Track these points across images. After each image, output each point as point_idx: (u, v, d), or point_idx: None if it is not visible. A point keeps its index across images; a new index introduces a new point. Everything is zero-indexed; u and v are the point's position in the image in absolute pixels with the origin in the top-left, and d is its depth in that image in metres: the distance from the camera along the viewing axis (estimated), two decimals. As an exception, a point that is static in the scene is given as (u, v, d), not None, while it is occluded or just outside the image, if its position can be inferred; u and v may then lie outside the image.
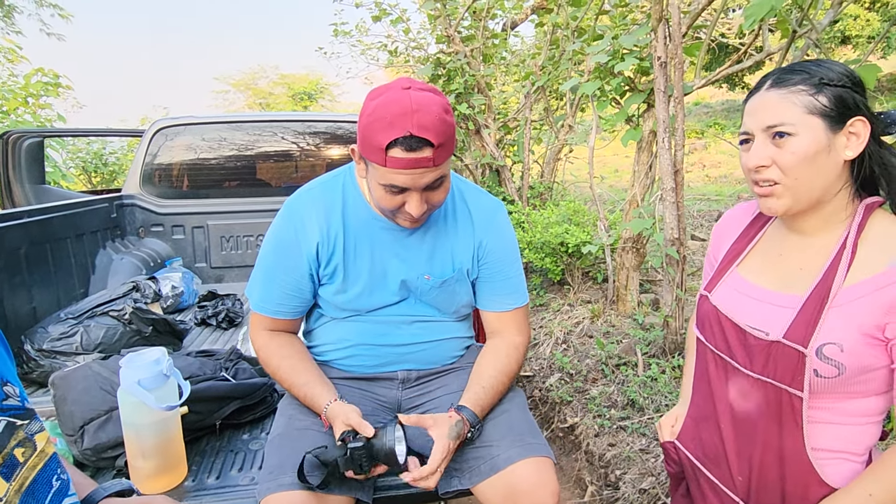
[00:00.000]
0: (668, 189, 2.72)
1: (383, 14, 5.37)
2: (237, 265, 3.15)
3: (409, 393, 1.43)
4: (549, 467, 1.22)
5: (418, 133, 1.08)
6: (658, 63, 2.69)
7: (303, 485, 1.13)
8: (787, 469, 0.89)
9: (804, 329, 0.84)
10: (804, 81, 0.83)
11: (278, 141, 3.29)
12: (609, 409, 2.71)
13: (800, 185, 0.84)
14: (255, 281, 1.40)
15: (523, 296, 1.44)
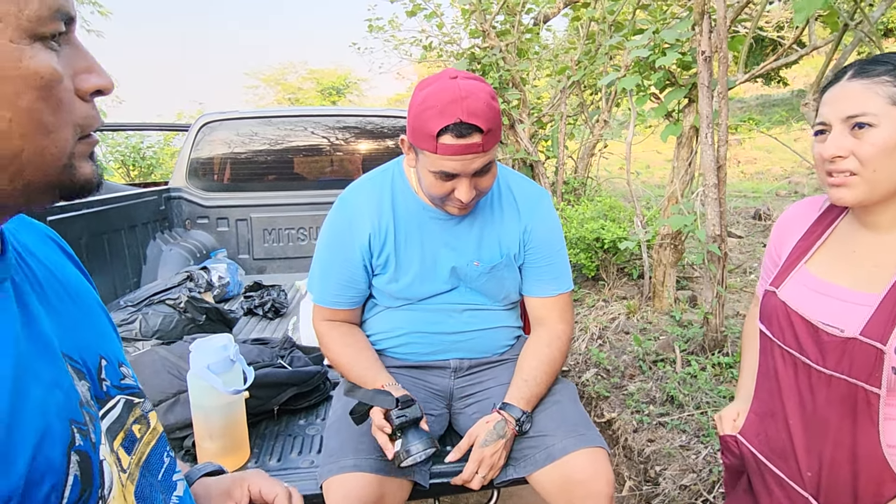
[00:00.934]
0: (710, 185, 2.70)
1: (417, 9, 5.40)
2: (279, 257, 3.22)
3: (461, 382, 1.46)
4: (604, 457, 1.25)
5: (468, 119, 1.12)
6: (702, 57, 2.67)
7: (362, 467, 1.18)
8: (860, 466, 0.90)
9: (883, 327, 0.84)
10: (889, 72, 0.82)
11: (316, 135, 3.35)
12: (647, 405, 2.71)
13: (877, 177, 0.84)
14: (314, 275, 1.46)
15: (568, 282, 1.47)
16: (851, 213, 0.96)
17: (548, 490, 1.25)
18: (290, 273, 3.14)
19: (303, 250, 3.24)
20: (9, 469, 0.41)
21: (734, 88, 3.15)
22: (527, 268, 1.45)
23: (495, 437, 1.24)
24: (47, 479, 0.44)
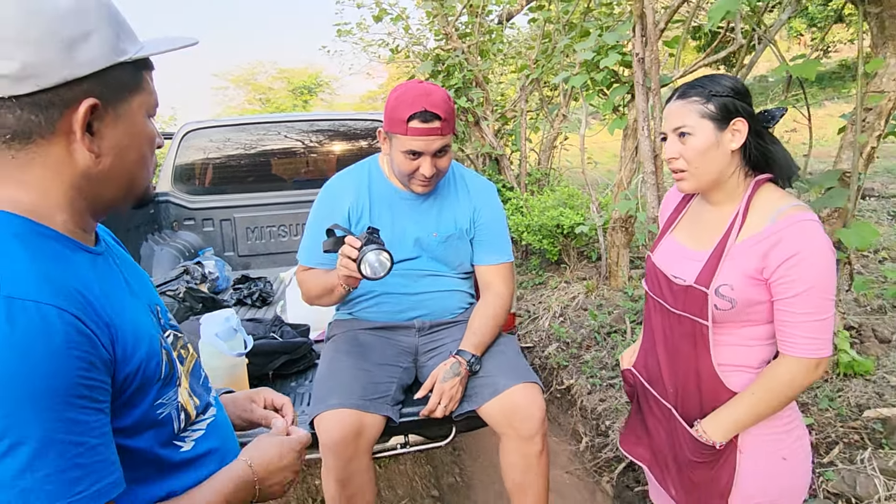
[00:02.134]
0: (648, 172, 3.06)
1: (383, 13, 5.68)
2: (262, 253, 3.50)
3: (424, 340, 1.80)
4: (537, 390, 1.59)
5: (431, 109, 1.52)
6: (636, 59, 3.02)
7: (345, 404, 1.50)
8: (701, 381, 1.22)
9: (707, 275, 1.17)
10: (698, 94, 1.15)
11: (292, 139, 3.63)
12: (601, 370, 3.06)
13: (699, 171, 1.16)
14: (303, 243, 1.80)
15: (508, 254, 1.84)
16: (699, 194, 1.30)
17: (495, 418, 1.59)
18: (274, 267, 3.42)
19: (284, 246, 3.52)
20: (139, 348, 0.74)
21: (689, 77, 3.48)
22: (476, 241, 1.81)
23: (452, 375, 1.57)
24: (154, 358, 0.77)
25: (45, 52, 0.66)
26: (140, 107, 0.77)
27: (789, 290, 1.08)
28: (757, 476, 1.20)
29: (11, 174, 0.70)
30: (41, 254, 0.68)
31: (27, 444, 0.58)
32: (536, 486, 1.57)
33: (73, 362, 0.63)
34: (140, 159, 0.78)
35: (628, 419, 1.50)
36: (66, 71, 0.67)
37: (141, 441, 0.75)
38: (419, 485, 2.56)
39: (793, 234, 1.08)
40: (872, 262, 3.58)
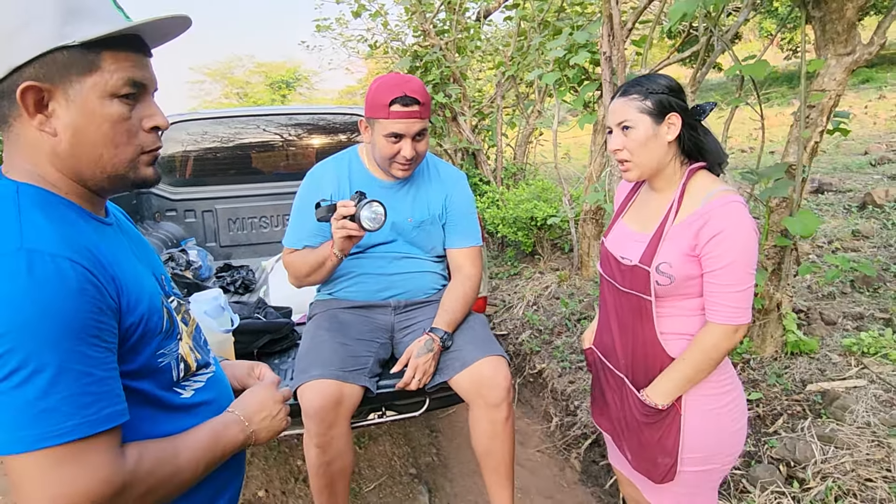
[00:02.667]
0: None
1: (362, 9, 5.76)
2: (243, 243, 3.58)
3: (400, 318, 1.93)
4: (503, 363, 1.73)
5: (410, 94, 1.67)
6: (604, 57, 3.17)
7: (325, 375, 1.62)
8: (647, 349, 1.35)
9: (649, 255, 1.30)
10: (637, 92, 1.28)
11: (271, 132, 3.70)
12: (570, 354, 3.21)
13: (641, 160, 1.30)
14: (289, 228, 1.92)
15: (477, 238, 1.99)
16: (646, 183, 1.44)
17: (464, 389, 1.72)
18: (255, 257, 3.50)
19: (265, 237, 3.60)
20: (141, 303, 0.84)
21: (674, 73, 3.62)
22: (447, 226, 1.95)
23: (425, 351, 1.71)
24: (155, 313, 0.87)
25: None
26: (94, 87, 0.78)
27: (716, 264, 1.23)
28: (698, 433, 1.33)
29: (13, 155, 0.81)
30: (54, 216, 0.78)
31: (46, 370, 0.68)
32: (503, 450, 1.71)
33: (85, 305, 0.72)
34: (103, 138, 0.80)
35: (592, 394, 1.63)
36: (10, 59, 0.75)
37: (144, 384, 0.84)
38: (398, 464, 2.69)
39: (720, 214, 1.22)
40: (826, 251, 3.79)
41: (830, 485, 1.81)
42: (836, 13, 2.10)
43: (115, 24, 0.80)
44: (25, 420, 0.68)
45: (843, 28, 2.12)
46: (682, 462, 1.35)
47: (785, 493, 1.85)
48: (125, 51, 0.81)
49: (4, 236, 0.72)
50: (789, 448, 2.00)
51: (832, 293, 3.15)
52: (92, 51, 0.78)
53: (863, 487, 1.79)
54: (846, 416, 2.07)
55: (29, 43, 0.75)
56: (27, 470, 0.69)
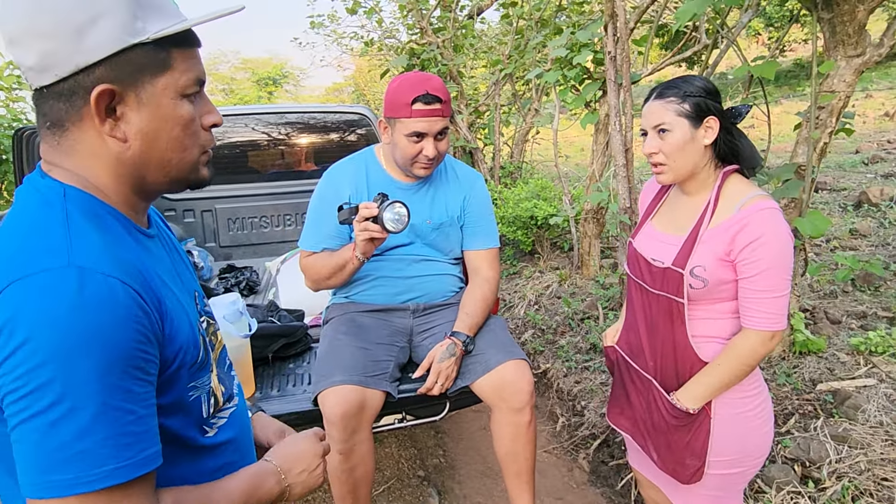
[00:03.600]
0: (619, 165, 3.22)
1: (357, 6, 5.73)
2: (244, 244, 3.54)
3: (418, 321, 1.91)
4: (526, 366, 1.72)
5: (432, 92, 1.64)
6: (608, 57, 3.17)
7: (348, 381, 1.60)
8: (678, 353, 1.35)
9: (683, 259, 1.30)
10: (674, 94, 1.28)
11: (268, 132, 3.66)
12: (576, 354, 3.22)
13: (677, 164, 1.30)
14: (306, 229, 1.89)
15: (495, 241, 1.97)
16: (676, 185, 1.44)
17: (486, 393, 1.71)
18: (256, 257, 3.47)
19: (266, 236, 3.57)
20: (182, 330, 0.77)
21: (664, 73, 3.67)
22: (465, 227, 1.93)
23: (448, 356, 1.69)
24: (193, 341, 0.79)
25: (57, 42, 0.67)
26: (167, 88, 0.73)
27: (752, 270, 1.22)
28: (728, 437, 1.33)
29: (63, 159, 0.73)
30: (105, 230, 0.71)
31: (87, 407, 0.61)
32: (525, 453, 1.71)
33: (133, 334, 0.65)
34: (173, 142, 0.75)
35: (612, 393, 1.64)
36: (78, 58, 0.67)
37: (173, 421, 0.77)
38: (405, 466, 2.68)
39: (757, 220, 1.22)
40: (825, 250, 3.84)
41: (847, 484, 1.83)
42: (847, 15, 2.12)
43: (181, 17, 0.75)
44: (58, 462, 0.61)
45: (853, 30, 2.13)
46: (710, 465, 1.36)
47: (801, 492, 1.87)
48: (191, 47, 0.77)
49: (51, 248, 0.65)
50: (803, 448, 2.02)
51: (834, 292, 3.19)
52: (163, 49, 0.72)
53: (879, 487, 1.81)
54: (858, 416, 2.09)
55: (101, 40, 0.68)
56: None
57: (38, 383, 0.61)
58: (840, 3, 2.10)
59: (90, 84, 0.69)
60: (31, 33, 0.67)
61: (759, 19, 13.38)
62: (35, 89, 0.71)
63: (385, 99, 1.72)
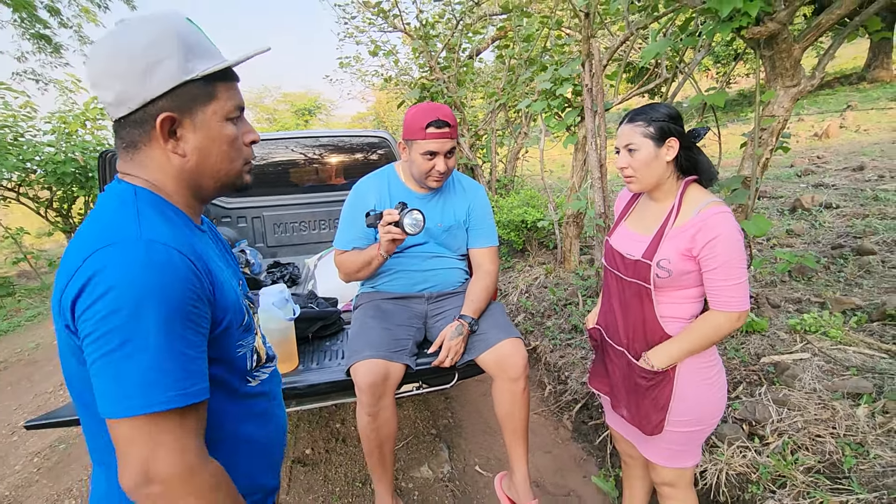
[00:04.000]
0: (595, 178, 3.21)
1: (378, 49, 5.73)
2: (287, 244, 3.54)
3: (432, 307, 1.91)
4: (520, 343, 1.72)
5: (442, 118, 1.65)
6: (586, 89, 3.16)
7: (374, 355, 1.60)
8: (646, 327, 1.35)
9: (651, 252, 1.30)
10: (642, 119, 1.27)
11: (307, 152, 3.66)
12: (560, 333, 3.21)
13: (643, 176, 1.29)
14: (339, 231, 1.89)
15: (495, 240, 1.97)
16: (645, 193, 1.43)
17: (488, 365, 1.71)
18: (297, 255, 3.48)
19: (304, 238, 3.57)
20: (228, 298, 0.80)
21: (630, 102, 3.67)
22: (470, 229, 1.93)
23: (457, 335, 1.69)
24: (238, 310, 0.83)
25: (128, 83, 0.73)
26: (215, 113, 0.78)
27: (713, 263, 1.22)
28: (689, 400, 1.33)
29: (136, 170, 0.78)
30: (167, 218, 0.76)
31: (153, 347, 0.65)
32: (520, 414, 1.70)
33: (189, 293, 0.69)
34: (222, 155, 0.80)
35: (593, 364, 1.63)
36: (143, 94, 0.73)
37: (223, 371, 0.80)
38: (421, 426, 2.68)
39: (713, 222, 1.21)
40: (766, 247, 3.81)
41: (786, 440, 1.82)
42: (784, 52, 2.10)
43: (222, 58, 0.80)
44: (133, 389, 0.64)
45: (790, 64, 2.12)
46: (674, 424, 1.35)
47: (748, 447, 1.86)
48: (231, 81, 0.81)
49: (126, 228, 0.70)
50: (749, 410, 2.01)
51: (774, 282, 3.16)
52: (209, 83, 0.77)
53: (814, 442, 1.80)
54: (795, 383, 2.07)
55: (161, 79, 0.73)
56: (129, 433, 0.65)
57: (114, 325, 0.64)
58: (779, 42, 2.08)
59: (155, 113, 0.74)
60: (108, 77, 0.73)
61: (708, 57, 13.29)
62: (114, 120, 0.76)
63: (404, 124, 1.72)
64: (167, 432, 0.66)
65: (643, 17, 2.93)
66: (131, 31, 0.74)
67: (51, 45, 11.06)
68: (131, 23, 0.75)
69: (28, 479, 2.47)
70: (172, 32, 0.74)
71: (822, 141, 8.05)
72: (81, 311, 0.66)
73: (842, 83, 12.52)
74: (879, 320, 2.45)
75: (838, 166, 6.05)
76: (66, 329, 0.69)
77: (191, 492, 0.67)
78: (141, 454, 0.65)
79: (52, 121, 6.36)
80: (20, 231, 6.17)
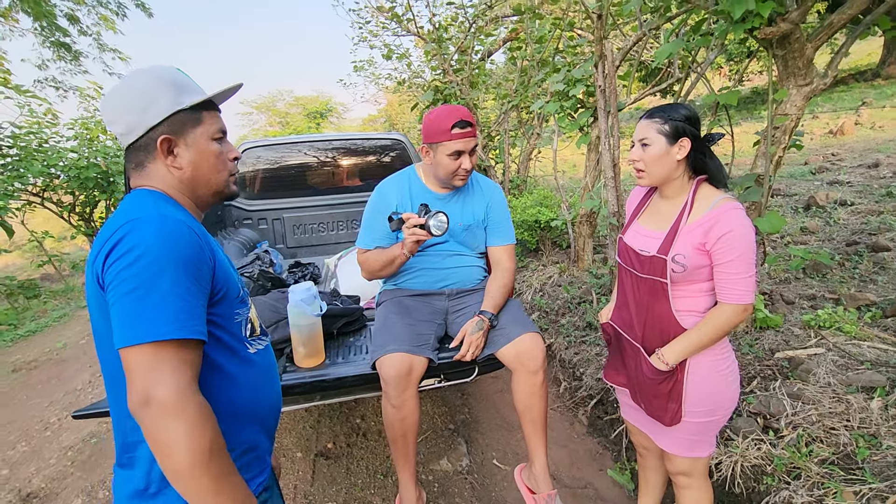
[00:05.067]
0: (609, 178, 3.24)
1: (391, 53, 5.81)
2: (306, 245, 3.63)
3: (453, 303, 1.97)
4: (539, 337, 1.77)
5: (464, 118, 1.71)
6: (599, 90, 3.20)
7: (399, 350, 1.66)
8: (663, 322, 1.39)
9: (666, 248, 1.34)
10: (660, 116, 1.32)
11: (324, 155, 3.75)
12: (574, 331, 3.25)
13: (653, 171, 1.34)
14: (362, 231, 1.96)
15: (512, 238, 2.02)
16: (657, 190, 1.48)
17: (508, 358, 1.77)
18: (317, 256, 3.56)
19: (323, 239, 3.65)
20: (226, 272, 0.95)
21: (642, 102, 3.71)
22: (488, 228, 1.99)
23: (477, 330, 1.75)
24: (234, 283, 0.98)
25: (133, 116, 0.93)
26: (202, 135, 0.97)
27: (726, 257, 1.26)
28: (704, 391, 1.37)
29: (145, 181, 0.96)
30: (177, 208, 0.94)
31: (162, 291, 0.79)
32: (539, 406, 1.76)
33: (194, 255, 0.85)
34: (211, 167, 0.99)
35: (608, 358, 1.67)
36: (146, 123, 0.93)
37: (224, 333, 0.94)
38: (439, 421, 2.74)
39: (726, 217, 1.26)
40: (780, 244, 3.81)
41: (801, 433, 1.85)
42: (797, 52, 2.13)
43: (204, 93, 1.00)
44: (141, 322, 0.77)
45: (802, 64, 2.15)
46: (689, 414, 1.39)
47: (763, 440, 1.89)
48: (213, 110, 1.01)
49: (147, 208, 0.87)
50: (764, 404, 2.04)
51: (788, 279, 3.18)
52: (197, 111, 0.98)
53: (828, 435, 1.83)
54: (810, 378, 2.10)
55: (159, 110, 0.94)
56: (135, 360, 0.77)
57: (131, 274, 0.79)
58: (791, 42, 2.11)
59: (156, 136, 0.94)
60: (118, 113, 0.94)
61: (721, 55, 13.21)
62: (125, 148, 0.96)
63: (425, 129, 1.77)
64: (165, 361, 0.77)
65: (656, 17, 2.97)
66: (131, 80, 0.95)
67: (70, 52, 11.32)
68: (131, 75, 0.97)
69: (63, 472, 2.57)
70: (165, 78, 0.95)
71: (837, 138, 7.98)
72: (108, 266, 0.81)
73: (857, 80, 12.37)
74: (894, 316, 2.46)
75: (853, 163, 6.01)
76: (97, 284, 0.84)
77: (181, 417, 0.76)
78: (144, 379, 0.76)
79: (75, 127, 6.53)
80: (45, 234, 6.35)
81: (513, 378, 1.79)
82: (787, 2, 2.04)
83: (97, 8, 11.25)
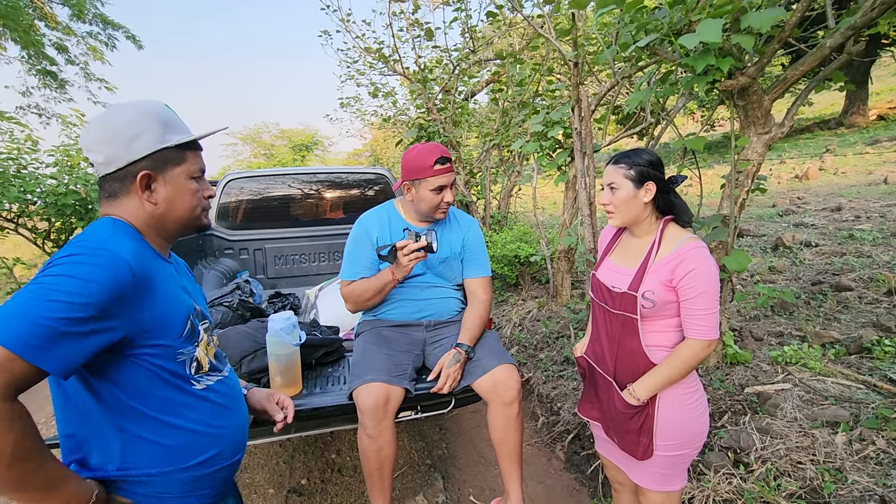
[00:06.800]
0: (585, 215, 3.36)
1: (377, 91, 5.98)
2: (287, 276, 3.63)
3: (430, 334, 2.00)
4: (514, 369, 1.80)
5: (444, 155, 1.78)
6: (575, 132, 3.35)
7: (376, 379, 1.68)
8: (634, 357, 1.43)
9: (636, 284, 1.40)
10: (625, 162, 1.41)
11: (307, 188, 3.80)
12: (552, 365, 3.28)
13: (622, 213, 1.42)
14: (345, 264, 1.99)
15: (488, 270, 2.07)
16: (627, 229, 1.54)
17: (483, 390, 1.79)
18: (297, 286, 3.56)
19: (304, 270, 3.66)
20: (169, 306, 0.94)
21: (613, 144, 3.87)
22: (465, 260, 2.04)
23: (454, 362, 1.78)
24: (179, 319, 0.96)
25: (116, 148, 0.94)
26: (182, 173, 0.99)
27: (691, 293, 1.32)
28: (674, 425, 1.40)
29: (114, 211, 0.97)
30: (134, 240, 0.94)
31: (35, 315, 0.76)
32: (515, 438, 1.77)
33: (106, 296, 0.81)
34: (185, 204, 1.01)
35: (583, 392, 1.69)
36: (128, 157, 0.94)
37: (160, 371, 0.93)
38: (416, 456, 2.71)
39: (691, 256, 1.33)
40: (749, 283, 3.94)
41: (770, 467, 1.89)
42: (755, 103, 2.29)
43: (190, 133, 1.03)
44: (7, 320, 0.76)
45: (761, 114, 2.30)
46: (660, 447, 1.42)
47: (734, 474, 1.92)
48: (196, 149, 1.04)
49: (97, 239, 0.88)
50: (734, 438, 2.08)
51: (757, 316, 3.28)
52: (181, 150, 1.00)
53: (795, 468, 1.87)
54: (777, 413, 2.16)
55: (144, 146, 0.95)
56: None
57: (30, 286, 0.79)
58: (750, 94, 2.27)
59: (136, 171, 0.96)
60: (100, 143, 0.94)
61: (693, 101, 13.84)
62: (101, 176, 0.96)
63: (406, 166, 1.84)
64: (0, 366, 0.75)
65: (628, 66, 3.15)
66: (119, 111, 0.96)
67: (56, 81, 11.35)
68: (119, 106, 0.98)
69: None
70: (153, 113, 0.97)
71: (803, 182, 8.36)
72: None
73: (821, 128, 13.07)
74: (857, 353, 2.56)
75: (817, 206, 6.29)
76: None
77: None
78: None
79: (56, 154, 6.49)
80: (16, 261, 6.20)
81: (488, 410, 1.81)
82: (746, 57, 2.21)
83: (87, 39, 11.37)
